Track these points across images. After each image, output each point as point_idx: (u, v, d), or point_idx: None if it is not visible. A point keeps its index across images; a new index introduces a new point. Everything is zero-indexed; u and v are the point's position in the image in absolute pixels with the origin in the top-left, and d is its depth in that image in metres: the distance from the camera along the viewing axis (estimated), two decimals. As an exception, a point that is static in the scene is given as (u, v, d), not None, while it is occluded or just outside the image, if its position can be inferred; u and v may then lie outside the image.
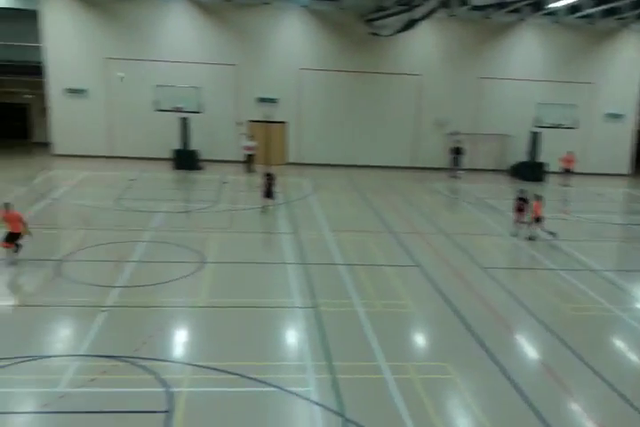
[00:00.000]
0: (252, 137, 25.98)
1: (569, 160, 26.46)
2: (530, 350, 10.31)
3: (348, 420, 7.78)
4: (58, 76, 26.08)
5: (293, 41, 26.74)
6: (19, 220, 12.79)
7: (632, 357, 10.09)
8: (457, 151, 26.98)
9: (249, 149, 25.43)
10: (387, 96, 27.81)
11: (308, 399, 8.25)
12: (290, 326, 10.70)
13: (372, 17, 25.47)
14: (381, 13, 24.26)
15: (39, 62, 25.79)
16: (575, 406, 8.51)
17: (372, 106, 27.74)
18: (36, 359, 8.92)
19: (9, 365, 8.67)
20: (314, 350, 9.71)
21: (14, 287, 12.06)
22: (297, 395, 8.35)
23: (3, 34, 26.89)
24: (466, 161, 27.40)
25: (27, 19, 26.23)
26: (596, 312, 11.85)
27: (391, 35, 24.77)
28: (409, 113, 28.17)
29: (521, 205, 16.92)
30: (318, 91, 27.39)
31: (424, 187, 24.57)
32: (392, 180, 25.95)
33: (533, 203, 16.57)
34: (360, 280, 13.02)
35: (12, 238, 12.71)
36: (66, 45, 25.91)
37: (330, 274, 13.44)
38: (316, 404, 8.14)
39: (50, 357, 9.06)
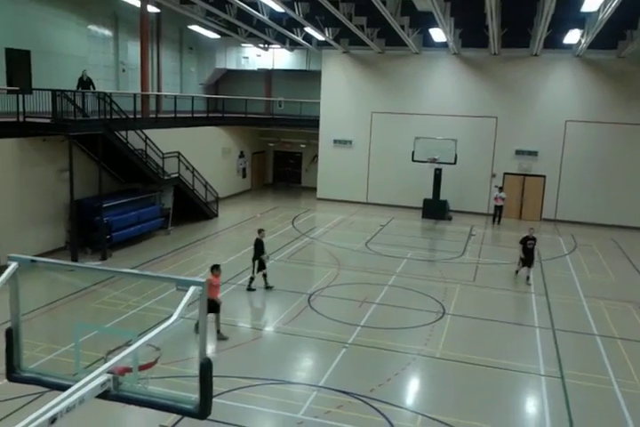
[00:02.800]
0: (501, 188, 25.36)
1: None
2: None
3: None
4: (328, 128, 28.82)
5: (561, 92, 25.52)
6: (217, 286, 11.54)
7: None
8: None
9: (498, 200, 24.98)
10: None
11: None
12: (530, 394, 9.89)
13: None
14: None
15: (316, 116, 28.95)
16: None
17: (646, 161, 24.91)
18: (282, 384, 9.67)
19: (260, 385, 9.55)
20: (557, 424, 8.79)
21: (271, 313, 13.31)
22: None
23: (292, 92, 31.04)
24: None
25: (311, 78, 29.93)
26: None
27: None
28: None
29: None
30: (583, 144, 25.56)
31: None
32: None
33: None
34: (618, 355, 11.49)
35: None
36: (337, 100, 28.60)
37: (582, 344, 12.16)
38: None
39: (294, 383, 9.75)
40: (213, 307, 10.81)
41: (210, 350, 10.60)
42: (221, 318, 11.33)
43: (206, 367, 3.70)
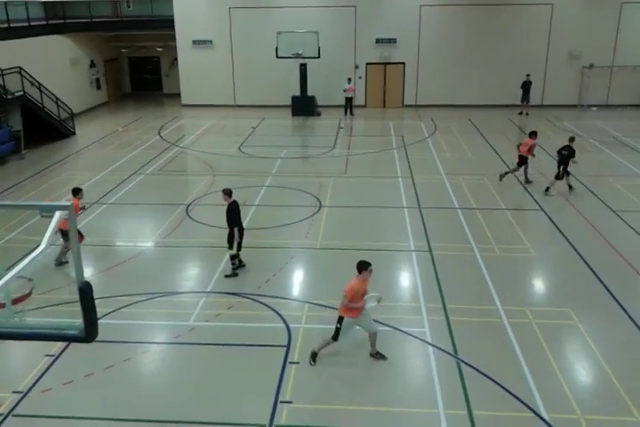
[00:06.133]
0: (349, 79, 25.59)
1: None
2: (663, 298, 9.65)
3: (461, 361, 7.84)
4: (185, 28, 26.88)
5: (411, -25, 25.48)
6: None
7: None
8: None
9: (350, 91, 25.19)
10: (514, 30, 25.82)
11: (422, 340, 8.39)
12: (404, 269, 10.78)
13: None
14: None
15: (170, 16, 26.80)
16: None
17: (497, 41, 25.93)
18: (169, 295, 9.81)
19: (145, 300, 9.61)
20: (428, 292, 9.76)
21: (149, 228, 13.10)
22: (411, 335, 8.52)
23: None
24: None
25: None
26: None
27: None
28: (538, 47, 26.04)
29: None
30: (439, 28, 26.07)
31: (552, 126, 22.99)
32: (517, 118, 24.53)
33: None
34: (478, 224, 12.71)
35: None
36: (191, -3, 26.68)
37: (446, 218, 13.24)
38: (431, 344, 8.27)
39: (181, 293, 9.92)
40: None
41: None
42: (96, 239, 10.95)
43: (86, 290, 3.59)
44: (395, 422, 6.81)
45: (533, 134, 15.22)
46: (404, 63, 26.76)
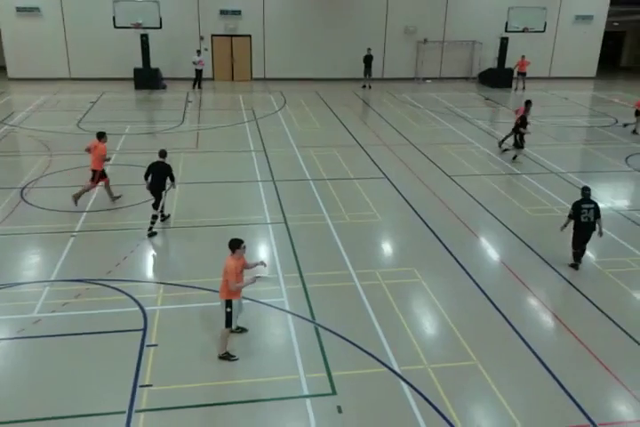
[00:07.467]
0: (199, 51, 24.92)
1: (522, 64, 26.29)
2: (492, 251, 10.70)
3: (319, 326, 8.14)
4: (5, -6, 24.38)
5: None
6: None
7: (590, 254, 10.52)
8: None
9: (199, 64, 24.54)
10: (354, 5, 26.51)
11: (281, 309, 8.57)
12: (261, 242, 10.85)
13: None
14: None
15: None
16: (534, 302, 8.99)
17: (339, 16, 26.50)
18: (7, 287, 9.02)
19: (-19, 293, 8.77)
20: (285, 262, 9.95)
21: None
22: (270, 306, 8.66)
23: None
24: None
25: None
26: (558, 213, 12.15)
27: None
28: (377, 23, 27.02)
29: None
30: (283, 1, 26.06)
31: (392, 98, 24.18)
32: (360, 92, 25.46)
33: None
34: (328, 194, 13.12)
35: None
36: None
37: (298, 189, 13.50)
38: (289, 313, 8.47)
39: (21, 284, 9.16)
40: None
41: None
42: None
43: None
44: (257, 392, 6.92)
45: (528, 103, 16.47)
46: (250, 36, 26.46)
